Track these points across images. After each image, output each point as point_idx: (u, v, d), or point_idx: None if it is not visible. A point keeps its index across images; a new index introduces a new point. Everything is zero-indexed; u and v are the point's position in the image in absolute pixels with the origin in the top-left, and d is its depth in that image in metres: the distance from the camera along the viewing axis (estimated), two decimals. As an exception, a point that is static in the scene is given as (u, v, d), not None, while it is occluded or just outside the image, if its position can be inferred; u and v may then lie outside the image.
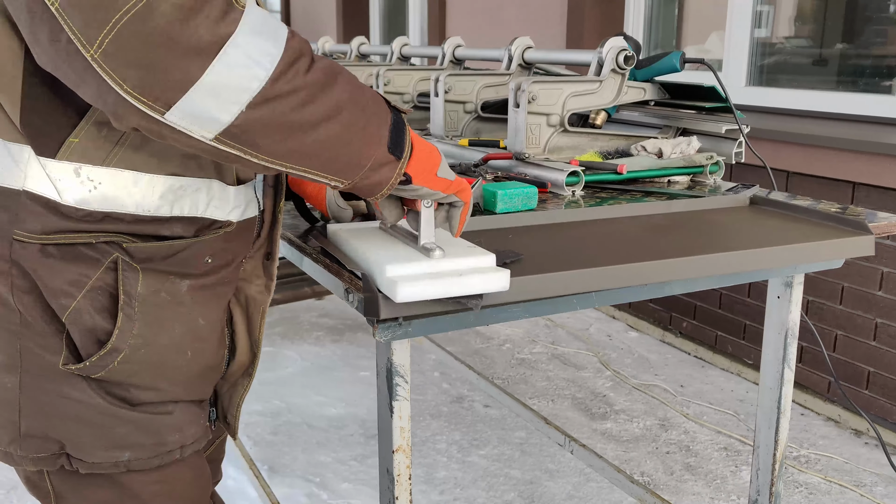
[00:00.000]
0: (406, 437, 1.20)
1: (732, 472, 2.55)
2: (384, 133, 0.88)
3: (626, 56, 1.79)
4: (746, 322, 3.18)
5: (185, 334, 1.00)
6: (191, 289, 0.98)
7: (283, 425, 2.79)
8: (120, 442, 0.99)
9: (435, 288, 0.97)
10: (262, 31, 0.77)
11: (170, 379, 1.01)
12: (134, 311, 0.94)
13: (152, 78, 0.74)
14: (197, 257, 0.98)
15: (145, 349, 0.96)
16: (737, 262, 1.26)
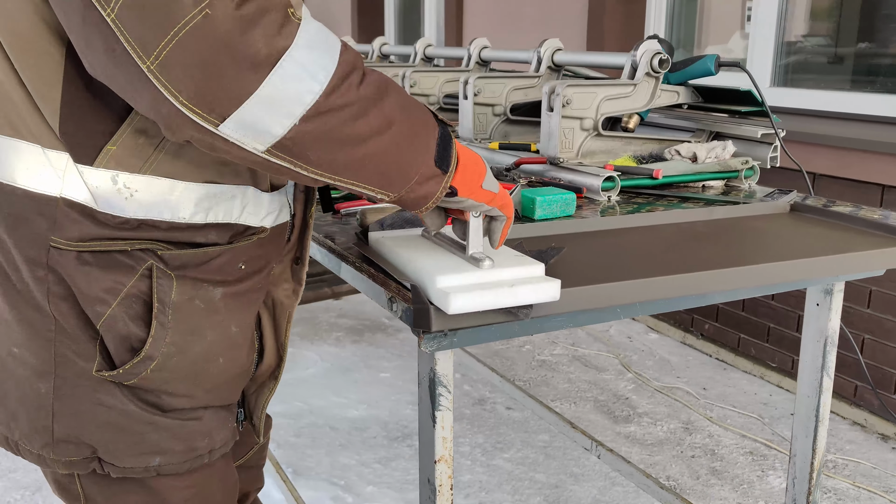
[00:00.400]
0: (448, 448, 1.19)
1: (759, 476, 2.53)
2: (431, 146, 0.88)
3: (660, 59, 1.77)
4: (770, 325, 3.15)
5: (219, 342, 1.00)
6: (224, 296, 0.98)
7: (306, 427, 2.79)
8: (151, 448, 0.99)
9: (487, 299, 0.96)
10: (318, 44, 0.77)
11: (202, 386, 1.01)
12: (168, 319, 0.94)
13: (208, 89, 0.74)
14: (231, 264, 0.98)
15: (178, 357, 0.96)
16: (781, 273, 1.24)
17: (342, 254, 1.22)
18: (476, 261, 1.01)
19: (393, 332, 3.69)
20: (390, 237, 1.17)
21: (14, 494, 2.36)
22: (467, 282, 0.98)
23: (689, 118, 1.95)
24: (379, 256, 1.14)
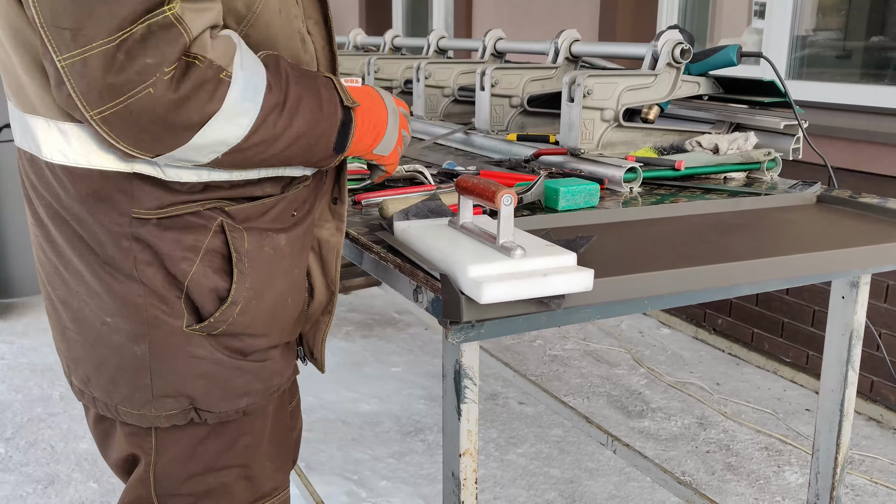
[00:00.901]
0: (473, 441, 1.17)
1: (775, 472, 2.51)
2: (332, 140, 1.03)
3: (682, 49, 1.75)
4: (784, 319, 3.13)
5: (288, 284, 1.10)
6: (287, 242, 1.08)
7: (318, 422, 2.77)
8: (240, 391, 1.09)
9: (520, 289, 0.94)
10: (244, 96, 0.89)
11: (278, 326, 1.11)
12: (245, 267, 1.03)
13: (144, 145, 0.88)
14: (285, 212, 1.08)
15: (257, 300, 1.05)
16: (812, 265, 1.22)
17: (365, 244, 1.20)
18: (507, 250, 0.99)
19: (403, 327, 3.67)
20: (416, 227, 1.15)
21: (27, 488, 2.35)
22: (500, 271, 0.96)
23: (710, 109, 1.93)
24: (405, 246, 1.12)
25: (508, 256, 0.98)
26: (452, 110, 2.39)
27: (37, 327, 3.51)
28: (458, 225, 1.13)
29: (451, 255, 1.00)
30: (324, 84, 1.01)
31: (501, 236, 1.00)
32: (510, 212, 1.00)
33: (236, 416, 1.10)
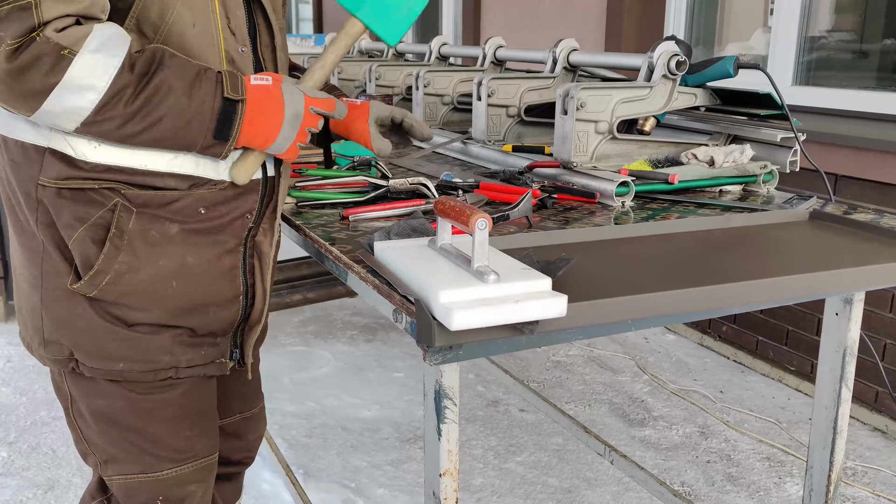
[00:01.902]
0: (454, 461, 1.17)
1: (776, 483, 2.49)
2: (209, 128, 1.11)
3: (678, 61, 1.73)
4: (789, 328, 3.10)
5: (171, 268, 1.19)
6: (181, 232, 1.18)
7: (318, 428, 2.78)
8: (115, 354, 1.21)
9: (491, 315, 0.94)
10: (92, 72, 1.02)
11: (160, 305, 1.20)
12: (122, 243, 1.16)
13: (10, 104, 1.05)
14: (191, 207, 1.18)
15: (130, 275, 1.17)
16: (799, 287, 1.20)
17: (347, 263, 1.20)
18: (481, 274, 0.98)
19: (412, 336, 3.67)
20: (395, 247, 1.14)
21: (27, 493, 2.36)
22: (471, 297, 0.95)
23: (707, 121, 1.91)
24: (383, 268, 1.12)
25: (482, 281, 0.97)
26: (452, 118, 2.39)
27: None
28: (436, 247, 1.12)
29: (425, 278, 1.00)
30: (205, 76, 1.10)
31: (476, 261, 0.99)
32: (484, 236, 0.99)
33: (115, 378, 1.23)
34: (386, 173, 1.69)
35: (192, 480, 1.36)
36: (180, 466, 1.34)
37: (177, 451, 1.33)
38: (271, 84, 1.15)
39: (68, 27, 1.01)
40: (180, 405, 1.31)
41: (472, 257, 1.00)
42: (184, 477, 1.35)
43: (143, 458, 1.31)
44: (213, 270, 1.24)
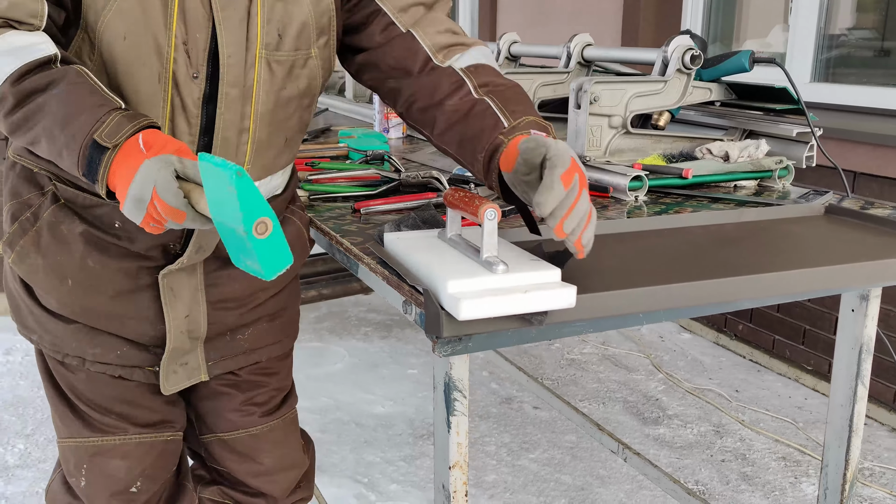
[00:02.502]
0: (463, 454, 1.16)
1: (792, 483, 2.46)
2: (79, 164, 1.01)
3: (692, 55, 1.72)
4: (806, 326, 3.08)
5: (68, 266, 1.20)
6: (90, 236, 1.19)
7: (332, 423, 2.78)
8: (30, 326, 1.29)
9: (499, 305, 0.93)
10: None
11: (55, 297, 1.23)
12: (30, 228, 1.20)
13: None
14: (109, 216, 1.19)
15: (30, 259, 1.21)
16: (814, 281, 1.19)
17: (357, 254, 1.20)
18: (490, 265, 0.98)
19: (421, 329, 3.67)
20: (405, 238, 1.14)
21: (42, 485, 2.39)
22: (479, 287, 0.95)
23: (722, 116, 1.90)
24: (392, 259, 1.12)
25: (490, 272, 0.97)
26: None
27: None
28: (446, 238, 1.12)
29: (434, 269, 0.99)
30: (90, 110, 1.00)
31: (485, 251, 0.99)
32: (493, 227, 0.99)
33: (34, 345, 1.31)
34: (398, 167, 1.69)
35: (118, 455, 1.33)
36: (105, 437, 1.33)
37: (103, 424, 1.32)
38: (143, 153, 0.97)
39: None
40: (104, 389, 1.30)
41: (481, 248, 1.00)
42: (109, 449, 1.33)
43: (72, 424, 1.32)
44: (117, 283, 1.22)
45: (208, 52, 1.12)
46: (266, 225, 0.85)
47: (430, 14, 1.23)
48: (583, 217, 0.99)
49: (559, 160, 0.97)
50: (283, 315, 1.41)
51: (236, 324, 1.34)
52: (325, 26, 1.21)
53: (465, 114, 1.16)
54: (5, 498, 2.32)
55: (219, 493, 1.49)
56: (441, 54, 1.22)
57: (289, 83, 1.20)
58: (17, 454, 2.55)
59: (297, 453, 1.51)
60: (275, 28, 1.15)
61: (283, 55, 1.17)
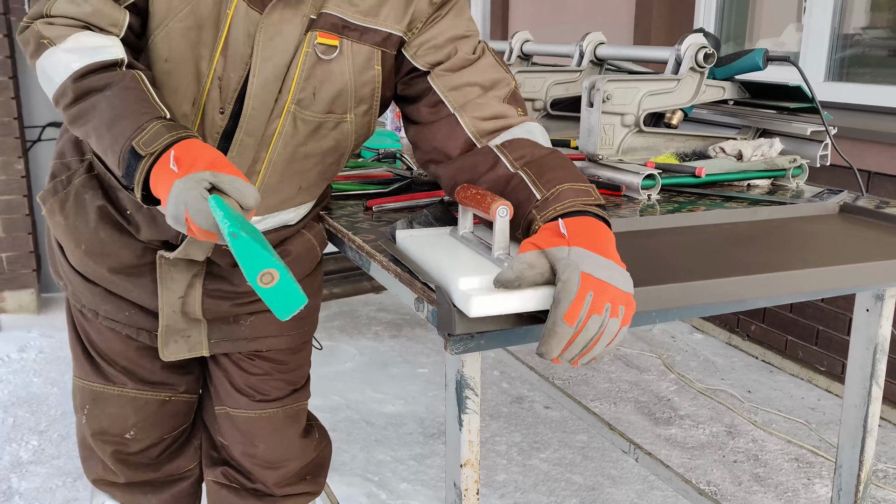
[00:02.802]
0: (475, 451, 1.16)
1: (805, 484, 2.45)
2: (119, 166, 1.05)
3: (706, 54, 1.71)
4: (819, 327, 3.06)
5: (83, 233, 1.28)
6: (103, 209, 1.27)
7: (342, 422, 2.79)
8: (59, 273, 1.39)
9: (510, 302, 0.93)
10: (54, 67, 1.10)
11: (72, 255, 1.32)
12: (61, 189, 1.30)
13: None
14: (125, 202, 1.26)
15: (56, 217, 1.31)
16: (827, 280, 1.18)
17: (369, 251, 1.20)
18: (501, 262, 0.98)
19: (432, 328, 3.67)
20: (417, 236, 1.14)
21: (56, 481, 2.40)
22: (490, 284, 0.95)
23: (736, 114, 1.89)
24: (404, 256, 1.12)
25: (501, 269, 0.97)
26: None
27: (74, 322, 3.59)
28: (458, 235, 1.12)
29: (446, 266, 0.99)
30: (135, 116, 1.03)
31: (496, 248, 0.99)
32: (505, 223, 0.99)
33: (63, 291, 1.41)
34: (410, 165, 1.69)
35: (115, 404, 1.42)
36: (107, 385, 1.42)
37: (108, 373, 1.41)
38: (174, 171, 0.98)
39: (56, 25, 1.11)
40: (112, 343, 1.39)
41: (493, 245, 0.99)
42: (108, 396, 1.42)
43: (83, 366, 1.43)
44: (123, 258, 1.29)
45: (238, 92, 1.15)
46: (272, 276, 0.86)
47: (483, 97, 1.20)
48: (607, 343, 0.92)
49: (564, 294, 0.89)
50: None
51: (232, 312, 1.36)
52: (366, 96, 1.23)
53: (500, 189, 1.12)
54: (19, 494, 2.33)
55: (223, 474, 1.51)
56: (485, 139, 1.19)
57: (311, 141, 1.22)
58: (30, 450, 2.56)
59: (292, 447, 1.51)
60: (311, 87, 1.18)
61: (312, 115, 1.20)
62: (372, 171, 1.63)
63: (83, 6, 1.11)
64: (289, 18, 1.14)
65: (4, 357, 3.26)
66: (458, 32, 1.23)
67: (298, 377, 1.50)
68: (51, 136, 3.83)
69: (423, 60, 1.22)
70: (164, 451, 1.51)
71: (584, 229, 0.98)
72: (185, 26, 1.12)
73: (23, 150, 3.63)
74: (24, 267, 3.69)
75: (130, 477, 1.50)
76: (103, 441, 1.46)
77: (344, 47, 1.18)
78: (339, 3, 1.16)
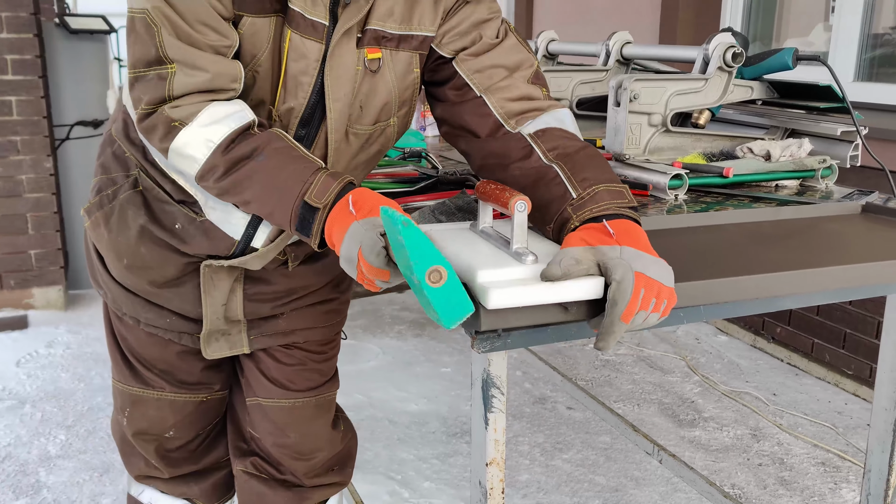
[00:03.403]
0: (500, 451, 1.16)
1: (831, 489, 2.42)
2: (291, 222, 1.07)
3: (734, 53, 1.70)
4: (847, 330, 3.02)
5: (124, 247, 1.30)
6: (144, 227, 1.28)
7: (365, 420, 2.80)
8: (98, 281, 1.40)
9: (528, 295, 0.93)
10: (193, 145, 1.09)
11: (114, 267, 1.34)
12: (107, 204, 1.30)
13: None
14: (173, 217, 1.28)
15: (100, 230, 1.32)
16: (854, 277, 1.17)
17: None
18: (519, 256, 0.98)
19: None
20: (436, 230, 1.15)
21: (83, 475, 2.43)
22: (508, 277, 0.95)
23: (764, 114, 1.87)
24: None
25: (520, 262, 0.97)
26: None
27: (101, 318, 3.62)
28: (477, 229, 1.13)
29: (465, 260, 1.00)
30: (299, 171, 1.06)
31: (515, 242, 1.00)
32: (523, 218, 0.99)
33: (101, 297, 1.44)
34: (436, 164, 1.69)
35: (154, 407, 1.46)
36: (146, 389, 1.45)
37: (146, 377, 1.45)
38: (353, 214, 1.00)
39: (184, 105, 1.09)
40: (151, 348, 1.42)
41: (511, 239, 1.00)
42: (147, 400, 1.46)
43: (122, 370, 1.46)
44: (165, 272, 1.31)
45: (299, 118, 1.19)
46: (440, 273, 0.86)
47: (509, 78, 1.21)
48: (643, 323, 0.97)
49: (620, 295, 0.92)
50: (324, 305, 1.45)
51: (272, 312, 1.39)
52: (407, 99, 1.26)
53: (533, 180, 1.13)
54: (47, 487, 2.37)
55: (252, 464, 1.52)
56: (513, 121, 1.19)
57: (362, 152, 1.27)
58: (58, 445, 2.60)
59: (322, 437, 1.53)
60: (358, 103, 1.21)
61: (362, 128, 1.23)
62: (398, 169, 1.64)
63: (201, 75, 1.09)
64: (346, 46, 1.16)
65: (33, 353, 3.30)
66: (482, 17, 1.24)
67: (328, 368, 1.53)
68: (78, 135, 3.88)
69: (449, 48, 1.23)
70: (201, 445, 1.55)
71: (627, 230, 1.00)
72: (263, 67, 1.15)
73: (51, 148, 3.68)
74: (52, 264, 3.74)
75: (173, 472, 1.54)
76: (144, 440, 1.50)
77: (385, 58, 1.20)
78: (381, 17, 1.18)
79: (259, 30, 1.12)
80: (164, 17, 1.07)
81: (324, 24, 1.14)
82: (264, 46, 1.13)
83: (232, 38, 1.10)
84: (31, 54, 3.51)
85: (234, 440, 1.55)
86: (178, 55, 1.07)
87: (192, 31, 1.08)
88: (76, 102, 3.87)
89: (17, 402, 2.87)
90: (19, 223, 3.65)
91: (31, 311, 3.71)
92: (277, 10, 1.12)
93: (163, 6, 1.07)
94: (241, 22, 1.11)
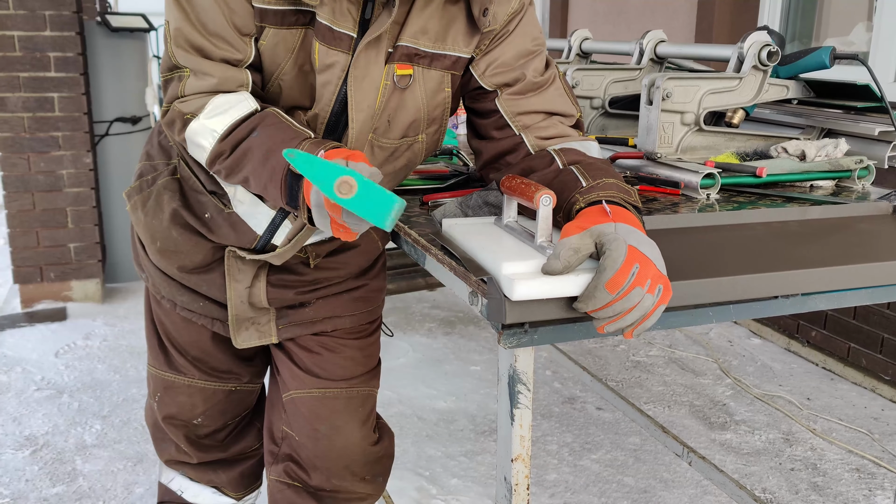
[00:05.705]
0: (526, 447, 1.16)
1: (866, 496, 2.38)
2: (281, 194, 1.10)
3: (769, 52, 1.68)
4: (885, 335, 2.97)
5: (158, 230, 1.37)
6: (175, 212, 1.35)
7: (394, 416, 2.81)
8: (140, 264, 1.48)
9: (552, 287, 0.94)
10: (202, 134, 1.18)
11: (150, 249, 1.40)
12: (145, 188, 1.39)
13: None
14: (203, 207, 1.34)
15: (137, 214, 1.40)
16: (883, 275, 1.16)
17: (424, 245, 1.21)
18: (543, 249, 0.99)
19: (485, 325, 3.67)
20: (462, 224, 1.16)
21: (118, 464, 2.48)
22: (532, 269, 0.96)
23: (800, 114, 1.85)
24: (454, 246, 1.13)
25: (544, 256, 0.98)
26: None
27: (137, 311, 3.69)
28: (502, 224, 1.14)
29: (490, 253, 1.01)
30: (285, 143, 1.10)
31: (539, 236, 1.00)
32: (548, 212, 1.00)
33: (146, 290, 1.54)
34: (467, 161, 1.70)
35: (184, 393, 1.54)
36: (177, 376, 1.53)
37: (178, 364, 1.52)
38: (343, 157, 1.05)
39: (192, 99, 1.19)
40: (186, 333, 1.49)
41: (536, 232, 1.01)
42: (178, 386, 1.53)
43: (157, 356, 1.54)
44: (194, 256, 1.38)
45: (324, 126, 1.22)
46: (350, 184, 0.86)
47: (548, 120, 1.26)
48: (640, 316, 0.94)
49: (610, 262, 0.91)
50: (351, 293, 1.47)
51: (297, 300, 1.42)
52: (437, 117, 1.28)
53: (550, 181, 1.15)
54: (83, 475, 2.42)
55: (285, 472, 1.53)
56: (542, 147, 1.25)
57: (387, 164, 1.29)
58: (94, 434, 2.65)
59: (354, 433, 1.50)
60: (386, 116, 1.23)
61: (388, 142, 1.26)
62: (429, 166, 1.65)
63: (208, 79, 1.17)
64: (373, 59, 1.18)
65: (71, 344, 3.37)
66: (526, 47, 1.25)
67: (363, 358, 1.52)
68: (117, 131, 3.95)
69: (491, 81, 1.26)
70: (230, 434, 1.62)
71: (625, 216, 1.02)
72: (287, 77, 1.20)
73: (91, 144, 3.75)
74: (90, 257, 3.81)
75: (202, 458, 1.61)
76: (174, 425, 1.57)
77: (416, 74, 1.22)
78: (413, 34, 1.19)
79: (282, 40, 1.17)
80: (180, 31, 1.18)
81: (351, 35, 1.17)
82: (287, 56, 1.18)
83: (245, 53, 1.18)
84: (73, 52, 3.58)
85: (268, 445, 1.56)
86: (190, 63, 1.17)
87: (206, 42, 1.16)
88: (116, 99, 3.94)
89: (56, 392, 2.94)
90: (59, 217, 3.73)
91: (69, 304, 3.78)
92: (304, 22, 1.17)
93: (182, 19, 1.16)
94: (265, 33, 1.17)
